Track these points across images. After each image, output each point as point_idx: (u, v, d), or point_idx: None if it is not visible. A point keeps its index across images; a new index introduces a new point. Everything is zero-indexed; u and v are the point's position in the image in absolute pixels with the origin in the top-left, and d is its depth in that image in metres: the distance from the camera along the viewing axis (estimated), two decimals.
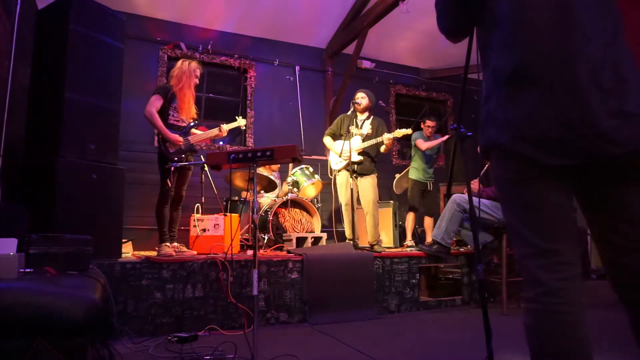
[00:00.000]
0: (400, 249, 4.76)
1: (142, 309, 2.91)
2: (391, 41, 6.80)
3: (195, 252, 3.65)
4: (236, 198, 4.89)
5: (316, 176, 4.93)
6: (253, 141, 6.25)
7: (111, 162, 3.23)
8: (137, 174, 5.11)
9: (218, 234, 3.84)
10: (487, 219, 3.73)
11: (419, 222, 5.34)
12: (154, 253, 3.58)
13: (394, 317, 3.66)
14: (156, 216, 3.57)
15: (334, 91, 6.76)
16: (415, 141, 5.16)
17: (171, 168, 3.50)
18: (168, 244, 3.50)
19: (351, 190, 4.25)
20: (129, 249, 4.34)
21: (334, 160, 4.50)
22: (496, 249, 3.97)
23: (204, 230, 3.89)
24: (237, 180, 4.90)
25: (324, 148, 5.23)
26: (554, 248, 1.11)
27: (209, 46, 6.06)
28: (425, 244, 4.31)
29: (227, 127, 3.84)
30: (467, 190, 1.89)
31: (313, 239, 4.39)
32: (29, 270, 1.89)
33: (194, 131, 3.76)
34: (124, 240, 3.66)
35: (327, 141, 4.55)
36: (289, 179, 4.82)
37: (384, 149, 4.32)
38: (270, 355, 2.36)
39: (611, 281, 1.13)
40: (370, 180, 4.33)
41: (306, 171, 4.91)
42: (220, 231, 3.84)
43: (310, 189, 4.93)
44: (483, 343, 1.62)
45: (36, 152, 3.10)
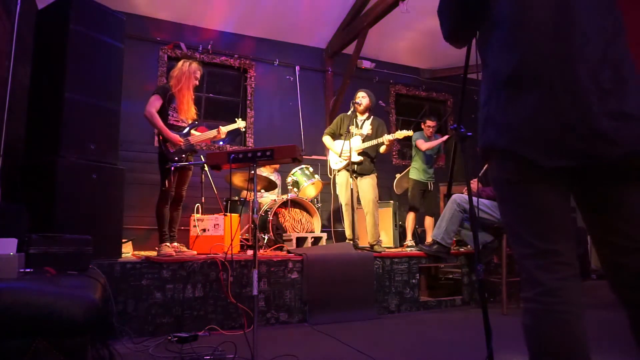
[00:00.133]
0: (400, 249, 4.76)
1: (142, 309, 2.91)
2: (391, 41, 6.80)
3: (195, 252, 3.65)
4: (236, 198, 4.89)
5: (316, 176, 4.93)
6: (253, 141, 6.25)
7: (111, 162, 3.23)
8: (137, 174, 5.11)
9: (218, 234, 3.84)
10: (487, 219, 3.73)
11: (419, 222, 5.34)
12: (154, 253, 3.58)
13: (394, 317, 3.66)
14: (156, 216, 3.57)
15: (334, 91, 6.76)
16: (415, 141, 5.16)
17: (171, 168, 3.50)
18: (168, 244, 3.51)
19: (351, 190, 4.25)
20: (129, 249, 4.34)
21: (333, 160, 4.50)
22: (496, 249, 3.97)
23: (204, 230, 3.89)
24: (237, 180, 4.90)
25: (324, 148, 5.23)
26: (552, 248, 1.11)
27: (209, 46, 6.06)
28: (425, 244, 4.30)
29: (225, 129, 3.84)
30: (467, 190, 1.89)
31: (313, 239, 4.39)
32: (29, 270, 1.89)
33: (193, 132, 3.76)
34: (124, 240, 3.66)
35: (326, 140, 4.54)
36: (288, 179, 4.83)
37: (383, 149, 4.31)
38: (270, 355, 2.36)
39: (610, 281, 1.13)
40: (370, 181, 4.32)
41: (306, 171, 4.91)
42: (220, 231, 3.84)
43: (310, 189, 4.93)
44: (483, 343, 1.62)
45: (36, 152, 3.10)
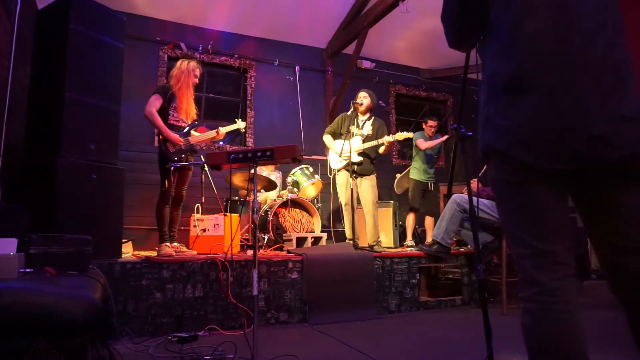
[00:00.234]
0: (400, 249, 4.76)
1: (142, 309, 2.91)
2: (391, 41, 6.80)
3: (195, 252, 3.65)
4: (236, 198, 4.89)
5: (316, 176, 4.93)
6: (253, 141, 6.25)
7: (111, 162, 3.23)
8: (137, 174, 5.11)
9: (218, 234, 3.84)
10: (487, 218, 3.72)
11: (419, 222, 5.34)
12: (154, 253, 3.58)
13: (394, 317, 3.65)
14: (156, 216, 3.57)
15: (334, 91, 6.76)
16: (415, 141, 5.17)
17: (171, 168, 3.50)
18: (168, 244, 3.50)
19: (351, 190, 4.25)
20: (129, 249, 4.34)
21: (333, 159, 4.50)
22: (496, 249, 3.97)
23: (204, 230, 3.89)
24: (237, 180, 4.90)
25: (324, 148, 5.23)
26: (550, 249, 1.12)
27: (209, 46, 6.06)
28: (425, 244, 4.30)
29: (224, 130, 3.84)
30: (467, 190, 1.89)
31: (313, 239, 4.39)
32: (29, 270, 1.89)
33: (193, 132, 3.76)
34: (124, 240, 3.66)
35: (327, 139, 4.54)
36: (288, 179, 4.83)
37: (383, 150, 4.31)
38: (270, 355, 2.36)
39: (610, 282, 1.13)
40: (370, 181, 4.32)
41: (306, 171, 4.91)
42: (220, 231, 3.84)
43: (310, 189, 4.93)
44: (483, 343, 1.62)
45: (36, 152, 3.10)
